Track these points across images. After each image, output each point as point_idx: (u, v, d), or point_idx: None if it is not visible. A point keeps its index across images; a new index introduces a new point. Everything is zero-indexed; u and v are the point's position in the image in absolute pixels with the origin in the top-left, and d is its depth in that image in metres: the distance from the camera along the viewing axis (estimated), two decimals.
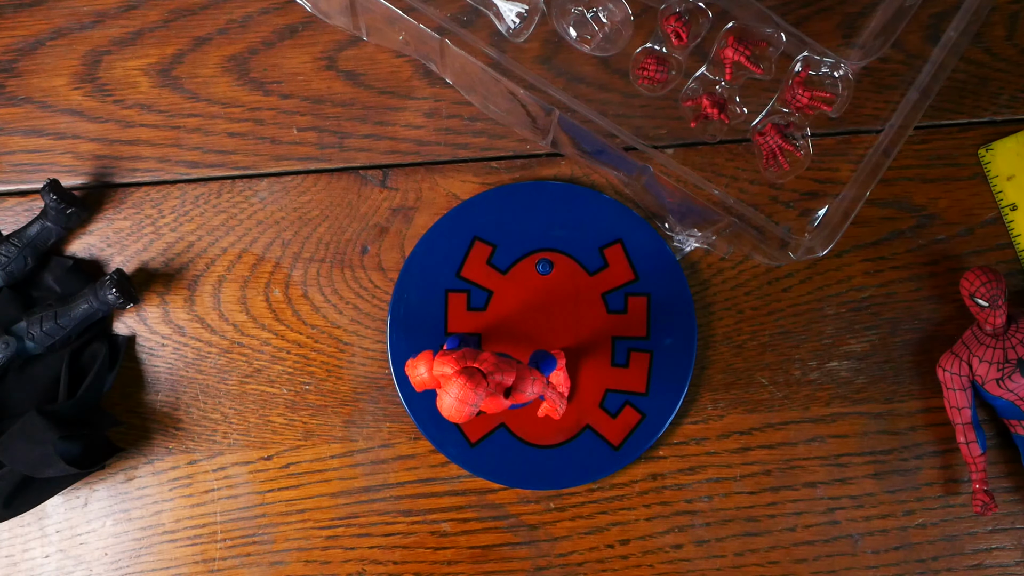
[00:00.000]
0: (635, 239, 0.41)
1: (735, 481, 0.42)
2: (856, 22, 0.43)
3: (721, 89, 0.41)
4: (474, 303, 0.41)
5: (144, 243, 0.42)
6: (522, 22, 0.40)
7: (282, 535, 0.41)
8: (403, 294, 0.41)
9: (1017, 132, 0.43)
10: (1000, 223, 0.43)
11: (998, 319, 0.39)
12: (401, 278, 0.41)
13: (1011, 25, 0.44)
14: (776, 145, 0.40)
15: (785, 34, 0.39)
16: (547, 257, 0.41)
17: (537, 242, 0.41)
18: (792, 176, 0.41)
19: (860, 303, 0.43)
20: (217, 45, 0.43)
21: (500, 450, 0.40)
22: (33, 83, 0.43)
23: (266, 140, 0.43)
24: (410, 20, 0.37)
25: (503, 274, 0.41)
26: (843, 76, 0.40)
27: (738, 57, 0.40)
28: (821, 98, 0.40)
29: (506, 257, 0.41)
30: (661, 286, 0.41)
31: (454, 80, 0.41)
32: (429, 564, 0.41)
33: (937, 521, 0.41)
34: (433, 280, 0.41)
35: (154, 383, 0.41)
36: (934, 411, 0.42)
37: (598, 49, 0.41)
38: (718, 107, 0.40)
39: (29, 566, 0.40)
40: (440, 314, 0.41)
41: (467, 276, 0.41)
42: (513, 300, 0.41)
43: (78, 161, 0.42)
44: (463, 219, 0.41)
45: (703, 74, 0.41)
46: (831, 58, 0.39)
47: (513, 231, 0.41)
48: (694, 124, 0.41)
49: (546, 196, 0.42)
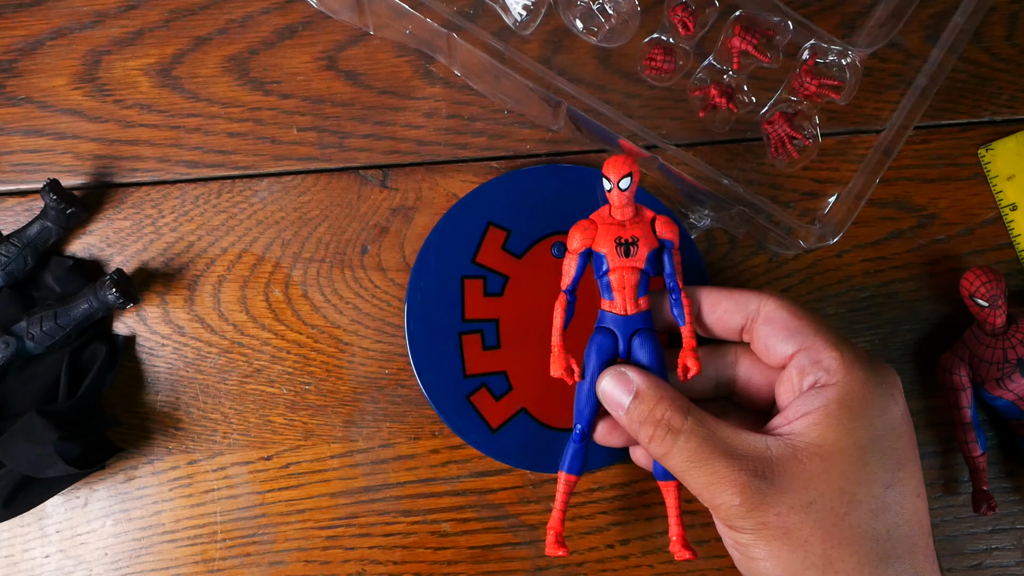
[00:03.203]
0: None
1: None
2: (855, 21, 0.43)
3: (729, 78, 0.41)
4: (491, 289, 0.41)
5: (144, 243, 0.42)
6: (528, 14, 0.40)
7: (282, 535, 0.41)
8: (419, 282, 0.41)
9: (1017, 132, 0.43)
10: (1000, 223, 0.43)
11: (998, 319, 0.39)
12: (417, 265, 0.41)
13: (1011, 25, 0.44)
14: (785, 133, 0.40)
15: (792, 22, 0.39)
16: (563, 240, 0.41)
17: (552, 225, 0.41)
18: (800, 165, 0.41)
19: (860, 303, 0.43)
20: (217, 45, 0.43)
21: (521, 435, 0.40)
22: (33, 83, 0.43)
23: (266, 140, 0.43)
24: (417, 14, 0.37)
25: (518, 259, 0.41)
26: (851, 64, 0.40)
27: (745, 46, 0.40)
28: (829, 86, 0.40)
29: (521, 242, 0.41)
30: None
31: (462, 72, 0.41)
32: (429, 564, 0.41)
33: (937, 521, 0.41)
34: (449, 267, 0.41)
35: (154, 383, 0.41)
36: (934, 411, 0.42)
37: (605, 41, 0.41)
38: (726, 96, 0.40)
39: (29, 566, 0.40)
40: (457, 300, 0.41)
41: (482, 262, 0.41)
42: (530, 284, 0.41)
43: (78, 161, 0.42)
44: (476, 205, 0.41)
45: (711, 64, 0.41)
46: (838, 46, 0.39)
47: (527, 215, 0.41)
48: (703, 114, 0.41)
49: (560, 179, 0.42)
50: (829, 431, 0.32)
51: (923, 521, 0.33)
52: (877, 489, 0.32)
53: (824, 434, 0.32)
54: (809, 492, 0.31)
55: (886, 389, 0.33)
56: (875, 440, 0.32)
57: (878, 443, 0.32)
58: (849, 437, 0.32)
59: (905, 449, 0.33)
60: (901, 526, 0.32)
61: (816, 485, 0.31)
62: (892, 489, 0.32)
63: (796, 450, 0.32)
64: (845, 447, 0.32)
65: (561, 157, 0.43)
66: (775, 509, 0.31)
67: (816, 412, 0.32)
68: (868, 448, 0.32)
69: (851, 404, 0.32)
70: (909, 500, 0.32)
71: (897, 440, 0.32)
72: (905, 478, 0.32)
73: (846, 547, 0.31)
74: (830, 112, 0.42)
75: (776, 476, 0.31)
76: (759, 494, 0.31)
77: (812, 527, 0.31)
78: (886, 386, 0.33)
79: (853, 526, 0.31)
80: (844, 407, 0.32)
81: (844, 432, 0.32)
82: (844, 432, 0.32)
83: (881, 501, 0.32)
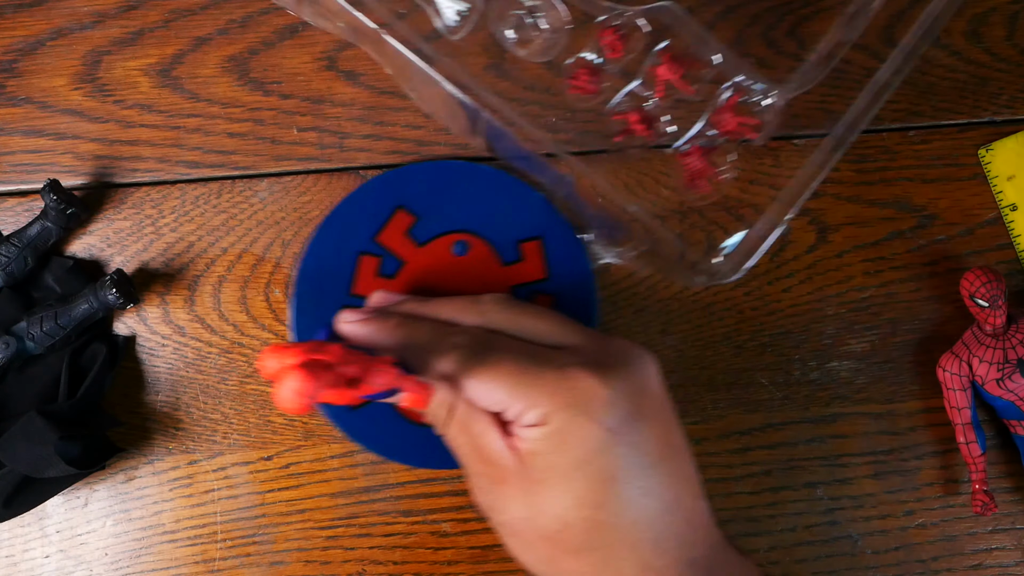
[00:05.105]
0: (555, 239, 0.41)
1: (735, 481, 0.42)
2: (796, 64, 0.42)
3: (651, 106, 0.41)
4: (384, 270, 0.41)
5: (144, 243, 0.42)
6: (461, 20, 0.39)
7: (282, 535, 0.41)
8: (317, 247, 0.41)
9: (1017, 132, 0.43)
10: (1000, 223, 0.43)
11: (998, 319, 0.39)
12: (319, 232, 0.41)
13: (1011, 25, 0.44)
14: (700, 167, 0.40)
15: (721, 57, 0.39)
16: (465, 239, 0.41)
17: (459, 223, 0.41)
18: (711, 200, 0.41)
19: (860, 303, 0.43)
20: (217, 45, 0.43)
21: (381, 420, 0.40)
22: (33, 83, 0.43)
23: (266, 140, 0.43)
24: (349, 9, 0.36)
25: (419, 246, 0.41)
26: (772, 105, 0.40)
27: (671, 76, 0.40)
28: (748, 124, 0.40)
29: (426, 231, 0.41)
30: (570, 291, 0.41)
31: (393, 73, 0.41)
32: (429, 564, 0.41)
33: (937, 521, 0.41)
34: (348, 241, 0.41)
35: (154, 383, 0.41)
36: (934, 411, 0.42)
37: (533, 55, 0.40)
38: (646, 123, 0.40)
39: (29, 566, 0.40)
40: (348, 275, 0.40)
41: (383, 242, 0.41)
42: (423, 274, 0.41)
43: (78, 161, 0.42)
44: (391, 186, 0.41)
45: (635, 89, 0.41)
46: (763, 84, 0.39)
47: (438, 207, 0.41)
48: (618, 139, 0.41)
49: (478, 179, 0.41)
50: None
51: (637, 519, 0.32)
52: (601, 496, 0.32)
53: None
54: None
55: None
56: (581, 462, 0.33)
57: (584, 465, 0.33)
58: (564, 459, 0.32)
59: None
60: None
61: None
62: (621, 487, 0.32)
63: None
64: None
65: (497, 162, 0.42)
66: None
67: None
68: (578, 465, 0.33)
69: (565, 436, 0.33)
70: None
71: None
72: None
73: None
74: (754, 141, 0.41)
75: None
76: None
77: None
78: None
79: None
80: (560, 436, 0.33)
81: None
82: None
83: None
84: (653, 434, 0.33)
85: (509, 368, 0.33)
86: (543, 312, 0.36)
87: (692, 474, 0.34)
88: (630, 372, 0.33)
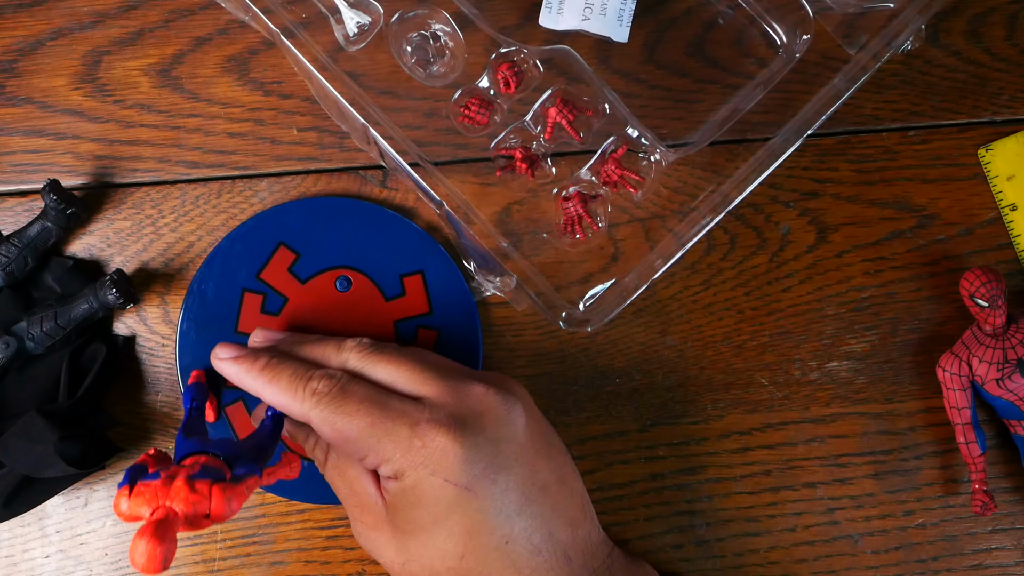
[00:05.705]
0: (436, 273, 0.41)
1: (735, 481, 0.42)
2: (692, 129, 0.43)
3: (536, 146, 0.41)
4: (268, 307, 0.41)
5: (144, 243, 0.42)
6: (360, 33, 0.39)
7: (282, 535, 0.41)
8: (201, 284, 0.41)
9: (1017, 132, 0.43)
10: (1000, 223, 0.43)
11: (998, 319, 0.39)
12: (202, 269, 0.41)
13: (1011, 25, 0.44)
14: (578, 214, 0.40)
15: (613, 107, 0.39)
16: (348, 275, 0.41)
17: (341, 259, 0.41)
18: (584, 248, 0.41)
19: (860, 303, 0.43)
20: (217, 45, 0.43)
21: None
22: (33, 83, 0.43)
23: (266, 140, 0.43)
24: (256, 11, 0.37)
25: (302, 283, 0.41)
26: (656, 162, 0.40)
27: (561, 119, 0.40)
28: (630, 179, 0.40)
29: (308, 268, 0.41)
30: (453, 325, 0.41)
31: (300, 73, 0.41)
32: None
33: (937, 521, 0.41)
34: (233, 277, 0.41)
35: (154, 383, 0.41)
36: (934, 411, 0.42)
37: (429, 78, 0.40)
38: (528, 162, 0.40)
39: (29, 566, 0.40)
40: (234, 312, 0.41)
41: (266, 279, 0.41)
42: (307, 311, 0.41)
43: (78, 161, 0.42)
44: (273, 222, 0.41)
45: (523, 127, 0.41)
46: (649, 141, 0.39)
47: (319, 244, 0.41)
48: (499, 173, 0.41)
49: (358, 214, 0.41)
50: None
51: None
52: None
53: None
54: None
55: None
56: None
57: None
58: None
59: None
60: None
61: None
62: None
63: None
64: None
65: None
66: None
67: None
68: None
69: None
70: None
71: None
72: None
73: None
74: (633, 196, 0.41)
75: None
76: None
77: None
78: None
79: None
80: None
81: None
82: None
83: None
84: (514, 482, 0.33)
85: (363, 419, 0.33)
86: (403, 359, 0.35)
87: (568, 503, 0.35)
88: (488, 424, 0.33)
